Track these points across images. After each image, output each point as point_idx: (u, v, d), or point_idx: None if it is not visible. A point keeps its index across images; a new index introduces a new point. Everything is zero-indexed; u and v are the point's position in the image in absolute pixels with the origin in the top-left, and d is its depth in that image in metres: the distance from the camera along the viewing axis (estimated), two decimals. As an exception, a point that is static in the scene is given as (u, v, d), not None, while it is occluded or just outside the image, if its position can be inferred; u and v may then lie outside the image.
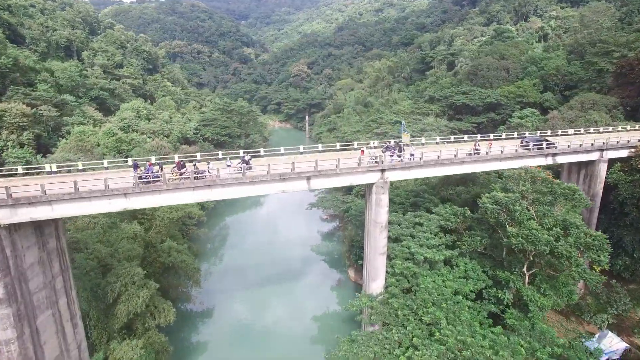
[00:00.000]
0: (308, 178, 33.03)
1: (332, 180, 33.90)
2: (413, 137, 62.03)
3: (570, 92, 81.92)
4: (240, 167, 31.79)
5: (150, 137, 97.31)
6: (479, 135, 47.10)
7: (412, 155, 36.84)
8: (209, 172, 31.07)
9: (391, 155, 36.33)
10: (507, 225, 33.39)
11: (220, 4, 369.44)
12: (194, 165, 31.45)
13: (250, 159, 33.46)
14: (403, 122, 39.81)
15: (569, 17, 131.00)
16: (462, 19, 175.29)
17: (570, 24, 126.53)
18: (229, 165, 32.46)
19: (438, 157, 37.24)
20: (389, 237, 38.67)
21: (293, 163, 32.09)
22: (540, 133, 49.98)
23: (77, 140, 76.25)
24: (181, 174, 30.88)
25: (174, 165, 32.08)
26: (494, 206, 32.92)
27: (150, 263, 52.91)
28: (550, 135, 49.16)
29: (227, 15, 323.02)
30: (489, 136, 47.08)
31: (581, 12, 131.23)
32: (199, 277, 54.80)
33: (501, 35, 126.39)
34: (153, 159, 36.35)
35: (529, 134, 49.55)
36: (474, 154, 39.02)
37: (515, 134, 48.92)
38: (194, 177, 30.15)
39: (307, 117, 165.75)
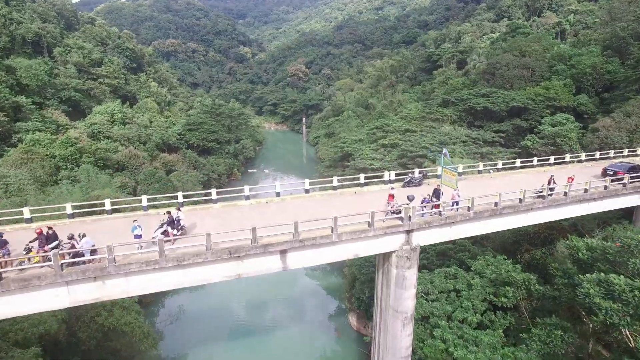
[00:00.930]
0: (283, 252, 18.21)
1: (323, 252, 19.09)
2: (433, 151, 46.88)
3: (610, 94, 66.97)
4: (164, 234, 16.99)
5: (123, 145, 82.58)
6: (535, 159, 32.22)
7: (455, 202, 21.97)
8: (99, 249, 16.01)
9: (422, 204, 21.48)
10: (629, 332, 18.70)
11: (217, 2, 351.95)
12: (71, 237, 16.34)
13: (180, 219, 18.39)
14: (445, 151, 24.34)
15: (588, 11, 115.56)
16: (468, 15, 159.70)
17: (592, 17, 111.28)
18: (139, 236, 17.38)
19: (496, 204, 22.35)
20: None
21: (254, 229, 17.16)
22: (615, 153, 35.18)
23: (23, 152, 61.21)
24: (45, 258, 15.95)
25: (34, 237, 16.84)
26: (610, 304, 18.03)
27: (86, 324, 38.14)
28: (628, 155, 34.36)
29: (224, 13, 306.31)
30: (548, 160, 32.16)
31: (601, 4, 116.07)
32: (153, 341, 40.12)
33: (515, 31, 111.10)
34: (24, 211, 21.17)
35: (600, 154, 34.69)
36: (548, 194, 24.11)
37: (583, 156, 34.05)
38: (62, 264, 15.27)
39: (304, 120, 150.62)
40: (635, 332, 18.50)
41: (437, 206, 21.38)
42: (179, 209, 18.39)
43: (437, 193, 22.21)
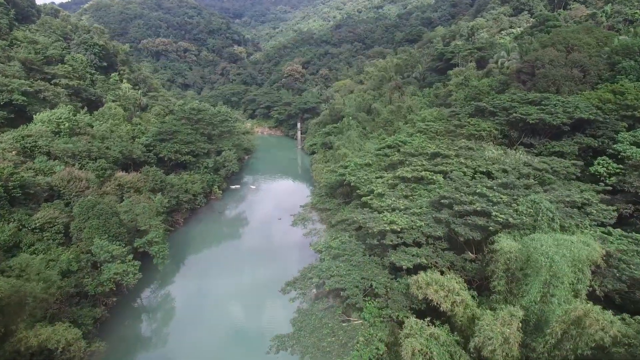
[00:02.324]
0: None
1: None
2: (497, 211, 25.63)
3: None
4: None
5: (66, 163, 62.22)
6: None
7: None
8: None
9: None
10: None
11: (214, 2, 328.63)
12: None
13: None
14: None
15: (625, 0, 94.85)
16: (479, 10, 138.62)
17: (630, 8, 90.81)
18: None
19: None
20: None
21: None
22: None
23: None
24: None
25: None
26: None
27: None
28: None
29: (218, 12, 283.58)
30: None
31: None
32: None
33: (544, 24, 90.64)
34: None
35: None
36: None
37: None
38: None
39: (299, 125, 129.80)
40: None
41: None
42: None
43: None
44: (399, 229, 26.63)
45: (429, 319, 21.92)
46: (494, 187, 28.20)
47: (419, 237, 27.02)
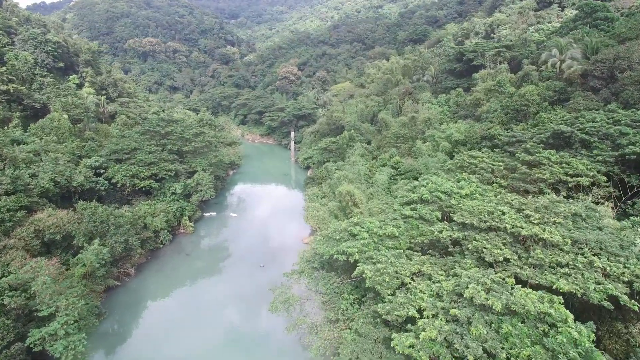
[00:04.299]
0: None
1: None
2: None
3: None
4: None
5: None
6: None
7: None
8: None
9: None
10: None
11: (209, 2, 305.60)
12: None
13: None
14: None
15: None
16: (495, 5, 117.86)
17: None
18: None
19: None
20: None
21: None
22: None
23: None
24: None
25: None
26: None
27: None
28: None
29: (214, 13, 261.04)
30: None
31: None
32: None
33: (592, 16, 70.18)
34: None
35: None
36: None
37: None
38: None
39: (292, 134, 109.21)
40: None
41: None
42: None
43: None
44: None
45: None
46: None
47: None
